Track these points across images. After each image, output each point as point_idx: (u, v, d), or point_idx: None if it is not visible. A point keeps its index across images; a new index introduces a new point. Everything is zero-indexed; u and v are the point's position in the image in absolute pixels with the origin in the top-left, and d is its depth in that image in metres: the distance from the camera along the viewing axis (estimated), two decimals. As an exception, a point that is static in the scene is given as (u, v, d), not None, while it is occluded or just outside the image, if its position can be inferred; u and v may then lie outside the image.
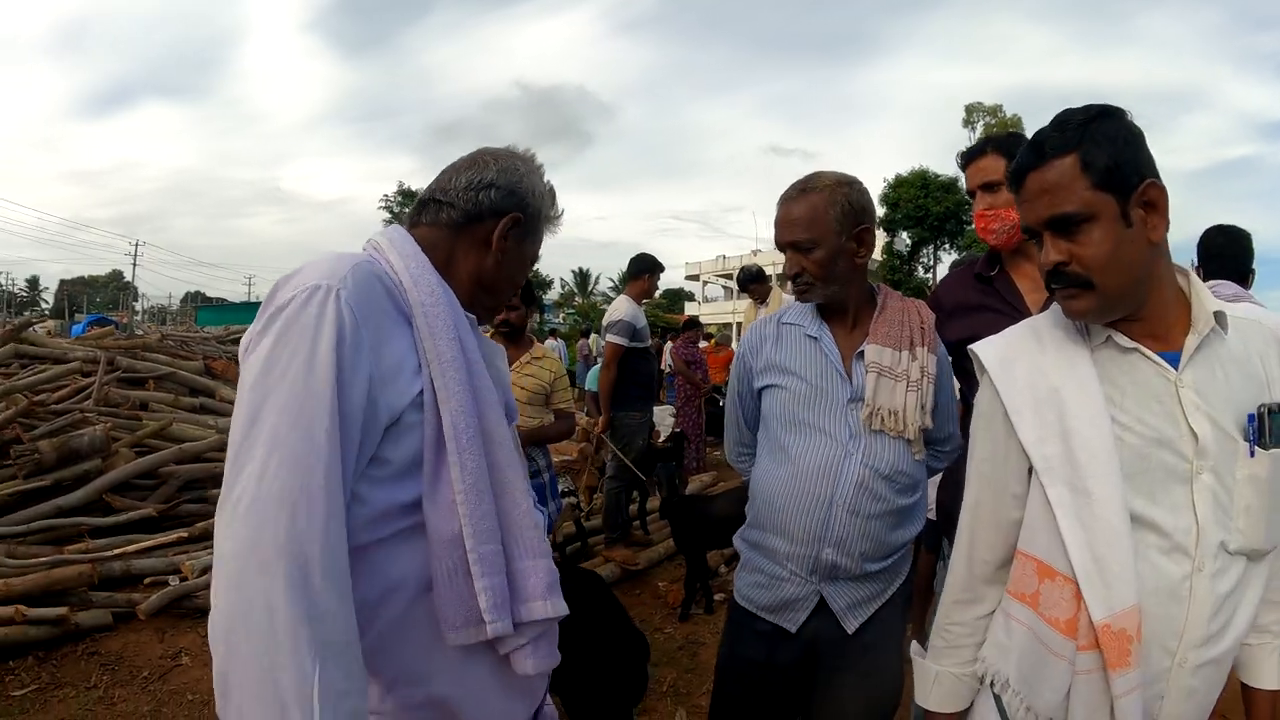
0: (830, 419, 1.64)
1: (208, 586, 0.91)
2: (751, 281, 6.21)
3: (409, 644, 0.99)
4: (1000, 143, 2.00)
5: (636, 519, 5.51)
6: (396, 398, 0.94)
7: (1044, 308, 1.44)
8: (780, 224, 1.68)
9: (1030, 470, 1.13)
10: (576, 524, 4.94)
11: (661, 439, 7.03)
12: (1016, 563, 1.16)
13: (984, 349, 1.21)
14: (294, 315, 0.88)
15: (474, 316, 1.15)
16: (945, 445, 1.81)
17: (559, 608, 1.04)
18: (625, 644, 2.25)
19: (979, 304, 1.94)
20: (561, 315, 38.79)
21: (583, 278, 53.53)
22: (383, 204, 48.46)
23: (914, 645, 1.39)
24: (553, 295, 50.53)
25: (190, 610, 3.85)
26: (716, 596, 4.28)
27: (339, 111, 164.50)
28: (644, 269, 5.05)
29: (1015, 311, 1.81)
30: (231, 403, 6.41)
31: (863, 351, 1.64)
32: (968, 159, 2.03)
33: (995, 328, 1.27)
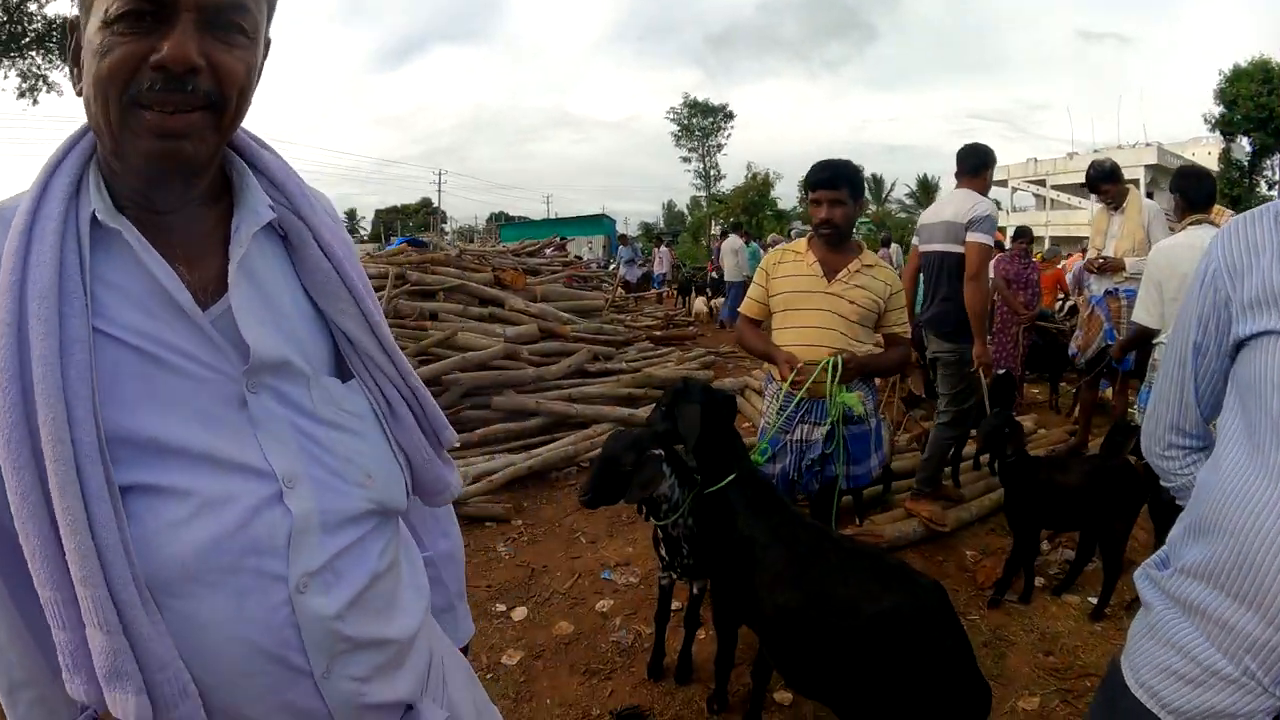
0: None
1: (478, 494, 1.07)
2: (1105, 180, 4.76)
3: None
4: None
5: (949, 467, 4.59)
6: None
7: None
8: None
9: None
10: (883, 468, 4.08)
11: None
12: None
13: None
14: None
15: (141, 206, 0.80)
16: None
17: (126, 708, 0.74)
18: (962, 694, 1.61)
19: None
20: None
21: (876, 184, 49.92)
22: (670, 116, 49.45)
23: None
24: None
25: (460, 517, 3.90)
26: (1038, 582, 3.46)
27: (618, 34, 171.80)
28: (982, 163, 4.02)
29: None
30: (520, 312, 6.65)
31: None
32: None
33: None
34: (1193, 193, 3.88)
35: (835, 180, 2.75)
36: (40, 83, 18.28)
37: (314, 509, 0.81)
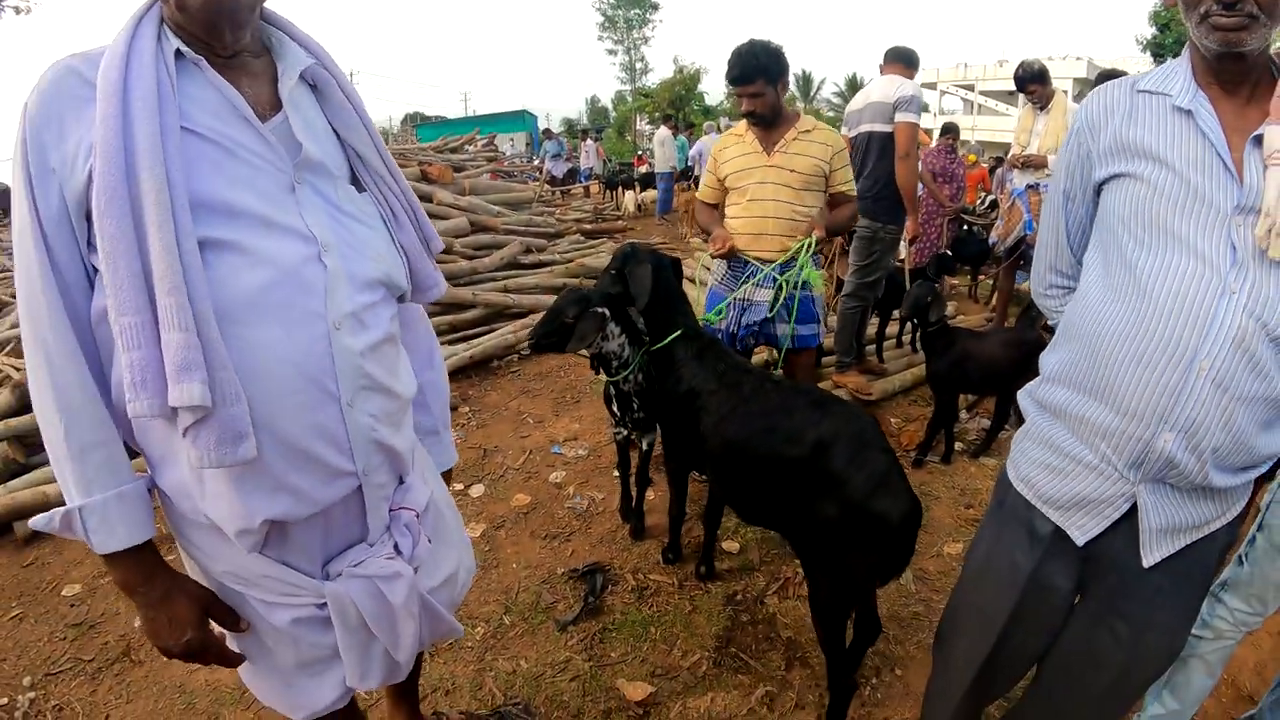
0: (1203, 233, 1.11)
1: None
2: (1032, 81, 4.89)
3: (147, 425, 1.03)
4: None
5: (873, 344, 4.91)
6: (77, 180, 0.94)
7: None
8: None
9: None
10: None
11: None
12: None
13: None
14: (15, 136, 0.96)
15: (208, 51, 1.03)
16: None
17: (187, 395, 0.91)
18: (898, 504, 1.80)
19: None
20: None
21: (805, 82, 49.22)
22: (595, 5, 46.96)
23: None
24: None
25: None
26: (957, 447, 3.73)
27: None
28: (910, 62, 4.03)
29: None
30: (449, 206, 6.47)
31: (1260, 136, 1.09)
32: None
33: None
34: None
35: (748, 75, 2.79)
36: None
37: (343, 268, 1.05)
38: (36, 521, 1.01)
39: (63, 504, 1.00)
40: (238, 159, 1.00)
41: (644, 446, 2.86)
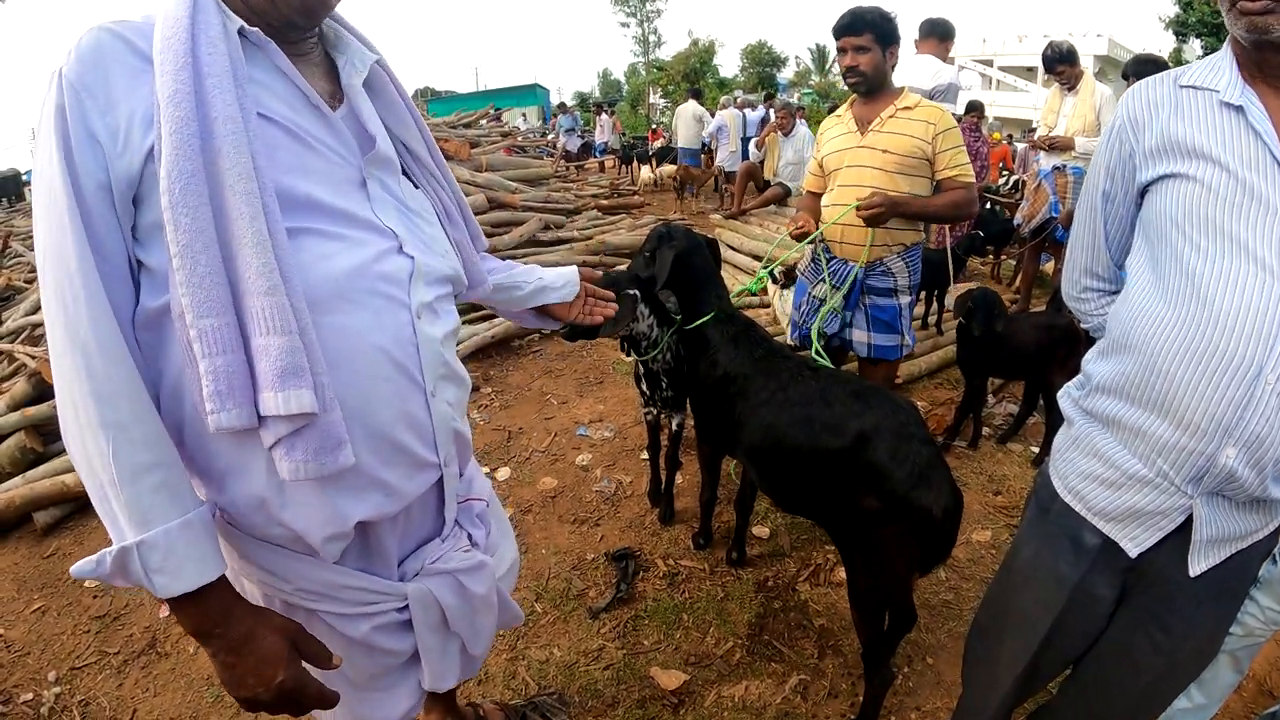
0: (1263, 238, 1.05)
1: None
2: (1061, 62, 4.77)
3: (213, 443, 0.92)
4: None
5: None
6: (130, 158, 0.84)
7: None
8: None
9: None
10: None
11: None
12: None
13: None
14: (42, 105, 0.85)
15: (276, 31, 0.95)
16: None
17: (295, 402, 0.84)
18: (940, 497, 1.78)
19: None
20: (797, 95, 35.04)
21: (820, 55, 48.51)
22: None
23: None
24: (787, 75, 46.50)
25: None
26: (984, 433, 3.69)
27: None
28: (944, 33, 3.95)
29: None
30: (467, 183, 6.43)
31: None
32: None
33: None
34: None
35: (856, 25, 2.55)
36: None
37: (420, 261, 1.03)
38: (81, 569, 0.85)
39: (96, 510, 0.86)
40: (313, 150, 0.95)
41: (674, 427, 2.85)
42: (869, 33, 2.56)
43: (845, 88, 3.17)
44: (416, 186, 1.12)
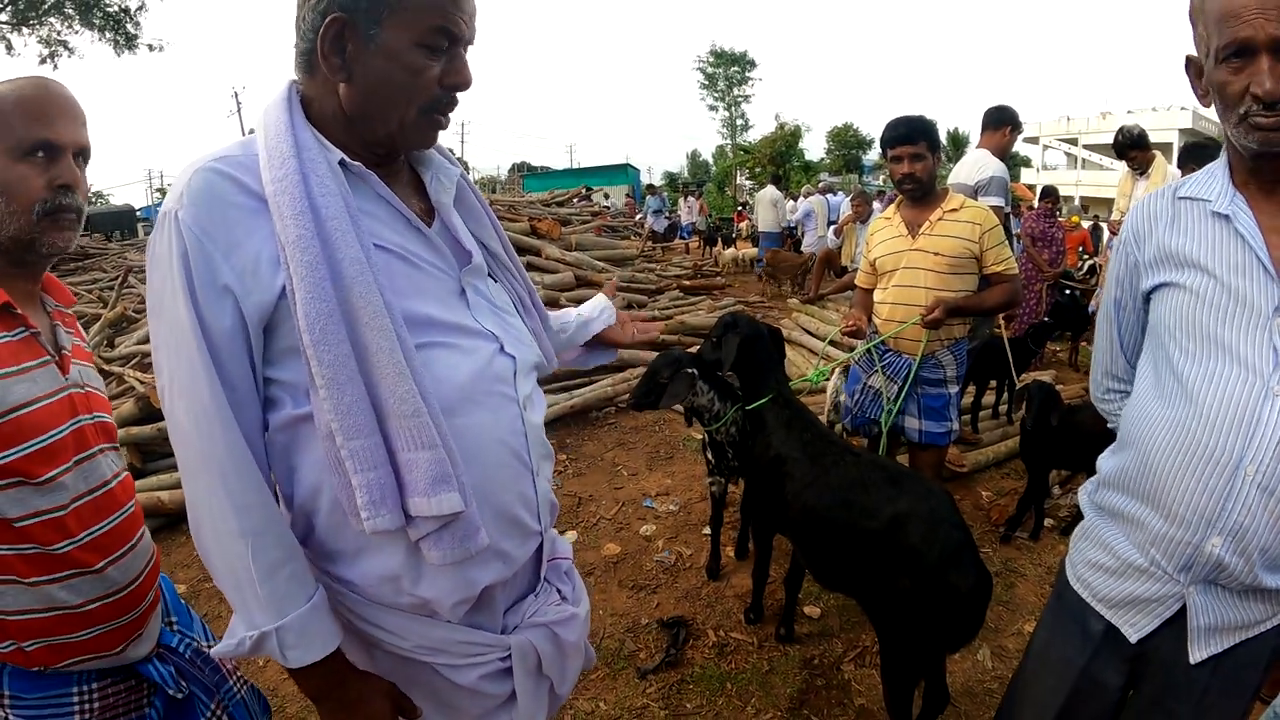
0: (1246, 338, 1.14)
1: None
2: (1132, 147, 4.84)
3: (346, 530, 1.02)
4: None
5: (968, 414, 4.83)
6: (262, 296, 0.93)
7: None
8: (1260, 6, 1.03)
9: None
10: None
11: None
12: None
13: None
14: (153, 247, 0.94)
15: (365, 162, 1.03)
16: None
17: (447, 504, 0.96)
18: (968, 581, 1.89)
19: None
20: (882, 178, 35.31)
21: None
22: (696, 65, 48.09)
23: None
24: (872, 156, 46.77)
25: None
26: (1046, 522, 3.68)
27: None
28: (1004, 121, 4.15)
29: None
30: (556, 260, 6.85)
31: None
32: None
33: None
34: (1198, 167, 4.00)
35: (912, 135, 2.75)
36: (61, 48, 18.97)
37: (520, 359, 1.13)
38: (221, 650, 0.99)
39: (182, 512, 1.04)
40: (423, 271, 1.05)
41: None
42: (924, 141, 2.78)
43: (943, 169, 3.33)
44: (495, 280, 1.22)
